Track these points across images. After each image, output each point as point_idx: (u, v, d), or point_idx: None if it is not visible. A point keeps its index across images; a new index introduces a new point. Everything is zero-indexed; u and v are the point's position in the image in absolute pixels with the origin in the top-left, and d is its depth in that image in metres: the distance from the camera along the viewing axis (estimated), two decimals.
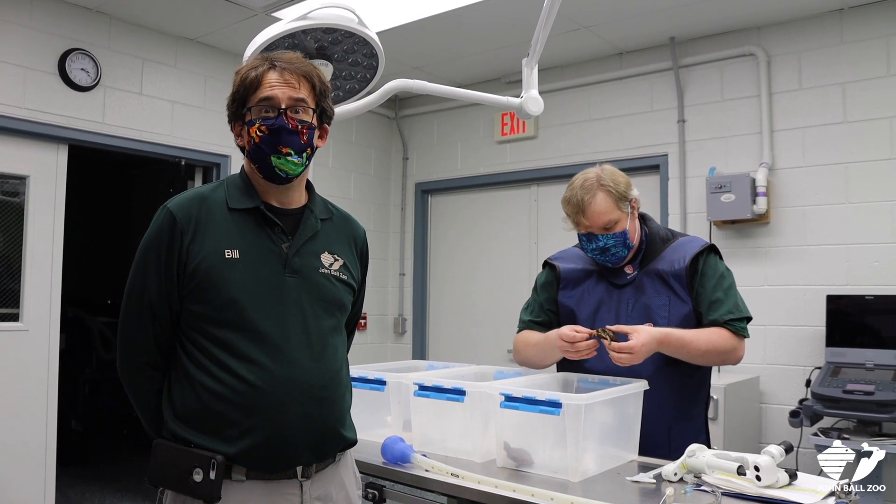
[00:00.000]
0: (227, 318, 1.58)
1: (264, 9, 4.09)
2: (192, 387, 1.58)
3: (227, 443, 1.54)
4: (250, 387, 1.56)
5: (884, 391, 3.31)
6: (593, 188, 2.15)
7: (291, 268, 1.65)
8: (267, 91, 1.62)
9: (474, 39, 4.67)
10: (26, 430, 3.89)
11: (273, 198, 1.69)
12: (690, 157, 4.53)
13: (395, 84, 2.38)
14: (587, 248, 2.21)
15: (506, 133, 5.39)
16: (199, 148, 4.68)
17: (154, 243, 1.62)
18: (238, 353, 1.57)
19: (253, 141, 1.63)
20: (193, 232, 1.60)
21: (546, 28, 2.28)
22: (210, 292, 1.58)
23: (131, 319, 1.63)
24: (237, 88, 1.66)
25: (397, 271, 6.01)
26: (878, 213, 3.89)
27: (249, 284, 1.60)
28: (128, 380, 1.67)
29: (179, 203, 1.64)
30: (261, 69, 1.64)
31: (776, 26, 4.26)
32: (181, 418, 1.58)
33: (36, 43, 3.97)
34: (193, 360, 1.59)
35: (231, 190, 1.68)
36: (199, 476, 1.51)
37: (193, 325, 1.60)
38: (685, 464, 1.75)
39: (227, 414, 1.55)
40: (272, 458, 1.58)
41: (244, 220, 1.65)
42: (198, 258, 1.59)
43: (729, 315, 2.11)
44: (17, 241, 3.96)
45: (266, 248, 1.64)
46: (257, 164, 1.65)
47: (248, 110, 1.63)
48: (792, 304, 4.10)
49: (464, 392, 1.98)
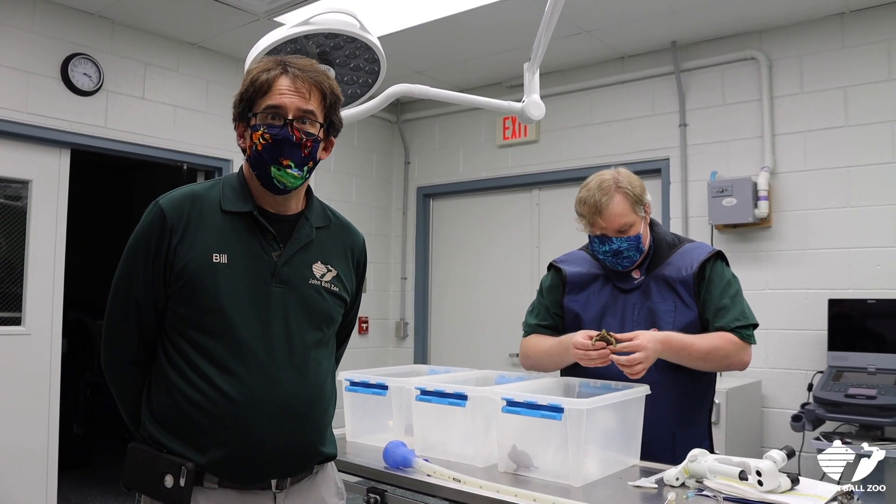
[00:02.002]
0: (209, 323, 1.55)
1: (266, 14, 4.10)
2: (168, 390, 1.55)
3: (200, 451, 1.52)
4: (226, 398, 1.53)
5: (886, 395, 3.30)
6: (611, 190, 2.13)
7: (279, 277, 1.61)
8: (276, 98, 1.57)
9: (476, 44, 4.67)
10: (28, 433, 3.89)
11: (268, 203, 1.65)
12: (692, 160, 4.53)
13: (396, 89, 2.39)
14: (599, 249, 2.19)
15: (507, 137, 5.39)
16: (201, 152, 4.68)
17: (142, 239, 1.59)
18: (217, 362, 1.54)
19: (255, 147, 1.58)
20: (183, 231, 1.57)
21: (548, 32, 2.28)
22: (195, 295, 1.55)
23: (117, 316, 1.61)
24: (246, 88, 1.60)
25: (399, 275, 6.01)
26: (880, 216, 3.88)
27: (235, 292, 1.56)
28: (112, 377, 1.64)
29: (171, 200, 1.60)
30: (273, 73, 1.58)
31: (777, 30, 4.27)
32: (158, 421, 1.56)
33: (39, 48, 3.98)
34: (173, 364, 1.56)
35: (226, 191, 1.64)
36: (170, 482, 1.50)
37: (176, 327, 1.57)
38: (687, 469, 1.75)
39: (201, 422, 1.53)
40: (243, 470, 1.56)
41: (236, 223, 1.61)
42: (185, 259, 1.55)
43: (736, 322, 2.10)
44: (19, 246, 3.96)
45: (255, 256, 1.60)
46: (256, 171, 1.61)
47: (254, 115, 1.59)
48: (794, 308, 4.10)
49: (465, 397, 1.98)
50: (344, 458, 2.03)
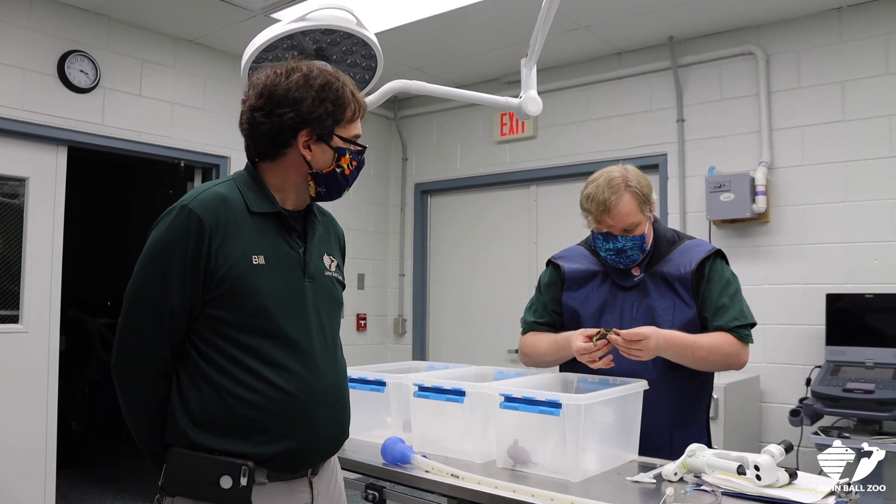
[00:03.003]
0: (256, 324, 1.56)
1: (263, 10, 4.09)
2: (216, 393, 1.53)
3: (257, 448, 1.53)
4: (285, 394, 1.56)
5: (884, 390, 3.31)
6: (620, 188, 2.11)
7: (309, 273, 1.67)
8: (360, 129, 1.70)
9: (473, 40, 4.67)
10: (26, 431, 3.89)
11: (290, 202, 1.69)
12: (690, 156, 4.53)
13: (394, 85, 2.38)
14: (602, 247, 2.18)
15: (505, 133, 5.39)
16: (198, 149, 4.68)
17: (178, 245, 1.53)
18: (268, 359, 1.56)
19: (341, 170, 1.66)
20: (223, 236, 1.55)
21: (545, 28, 2.28)
22: (240, 299, 1.55)
23: (144, 325, 1.55)
24: (337, 109, 1.64)
25: (397, 272, 6.01)
26: (878, 211, 3.89)
27: (277, 291, 1.59)
28: (131, 388, 1.58)
29: (203, 203, 1.56)
30: (359, 100, 1.69)
31: (775, 25, 4.26)
32: (202, 426, 1.53)
33: (35, 45, 3.96)
34: (215, 366, 1.54)
35: (246, 192, 1.63)
36: (229, 483, 1.49)
37: (214, 329, 1.55)
38: (685, 463, 1.75)
39: (259, 420, 1.54)
40: (299, 461, 1.61)
41: (265, 224, 1.63)
42: (227, 263, 1.54)
43: (735, 322, 2.11)
44: (16, 243, 3.95)
45: (286, 254, 1.64)
46: (328, 188, 1.68)
47: (342, 139, 1.66)
48: (792, 302, 4.10)
49: (464, 393, 1.98)
50: (343, 454, 2.03)
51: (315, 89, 1.61)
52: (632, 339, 1.98)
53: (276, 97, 1.61)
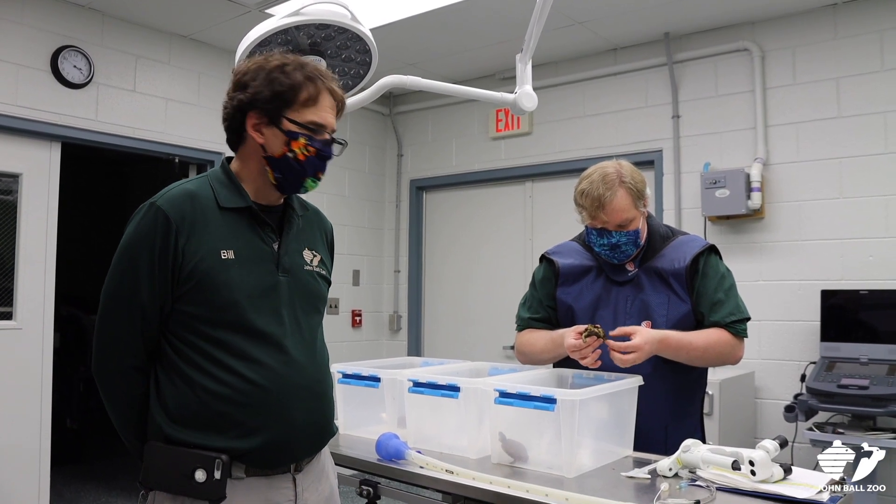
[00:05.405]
0: (226, 319, 1.56)
1: (257, 5, 4.07)
2: (189, 388, 1.54)
3: (231, 443, 1.53)
4: (256, 387, 1.55)
5: (878, 385, 3.32)
6: (615, 184, 2.10)
7: (283, 267, 1.65)
8: (321, 116, 1.63)
9: (468, 35, 4.66)
10: (20, 428, 3.88)
11: (262, 196, 1.68)
12: (685, 152, 4.54)
13: (388, 80, 2.38)
14: (596, 242, 2.18)
15: (500, 129, 5.39)
16: (192, 145, 4.66)
17: (144, 242, 1.55)
18: (240, 353, 1.56)
19: (294, 156, 1.61)
20: (189, 232, 1.56)
21: (540, 24, 2.28)
22: (208, 293, 1.55)
23: (118, 322, 1.57)
24: (280, 91, 1.59)
25: (392, 268, 6.01)
26: (873, 207, 3.89)
27: (247, 285, 1.58)
28: (110, 385, 1.62)
29: (170, 200, 1.58)
30: (317, 87, 1.62)
31: (770, 21, 4.27)
32: (177, 421, 1.55)
33: (28, 40, 3.95)
34: (188, 361, 1.56)
35: (217, 188, 1.64)
36: (203, 476, 1.50)
37: (186, 325, 1.57)
38: (680, 459, 1.75)
39: (231, 414, 1.54)
40: (276, 456, 1.59)
41: (236, 219, 1.63)
42: (194, 259, 1.55)
43: (731, 317, 2.11)
44: (10, 240, 3.94)
45: (259, 248, 1.63)
46: (286, 175, 1.63)
47: (293, 122, 1.60)
48: (787, 298, 4.11)
49: (458, 388, 1.98)
50: (337, 450, 2.03)
51: (266, 71, 1.61)
52: (623, 350, 1.98)
53: (234, 82, 1.65)
